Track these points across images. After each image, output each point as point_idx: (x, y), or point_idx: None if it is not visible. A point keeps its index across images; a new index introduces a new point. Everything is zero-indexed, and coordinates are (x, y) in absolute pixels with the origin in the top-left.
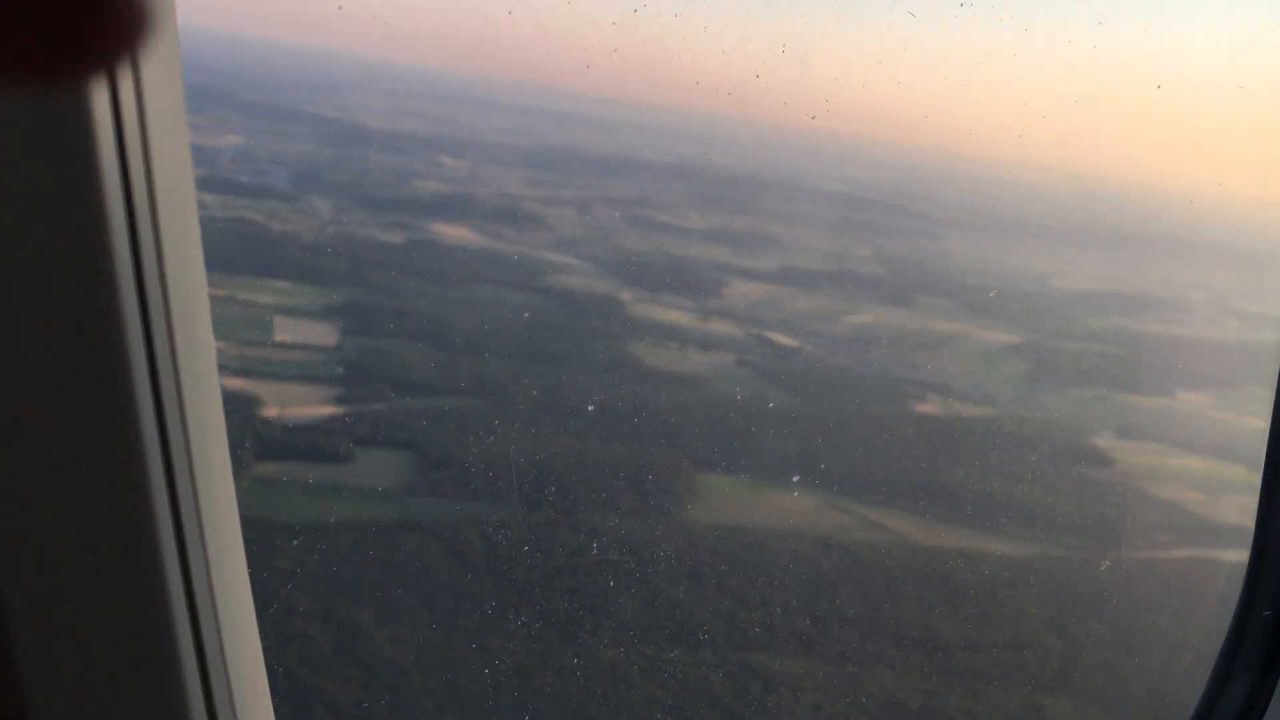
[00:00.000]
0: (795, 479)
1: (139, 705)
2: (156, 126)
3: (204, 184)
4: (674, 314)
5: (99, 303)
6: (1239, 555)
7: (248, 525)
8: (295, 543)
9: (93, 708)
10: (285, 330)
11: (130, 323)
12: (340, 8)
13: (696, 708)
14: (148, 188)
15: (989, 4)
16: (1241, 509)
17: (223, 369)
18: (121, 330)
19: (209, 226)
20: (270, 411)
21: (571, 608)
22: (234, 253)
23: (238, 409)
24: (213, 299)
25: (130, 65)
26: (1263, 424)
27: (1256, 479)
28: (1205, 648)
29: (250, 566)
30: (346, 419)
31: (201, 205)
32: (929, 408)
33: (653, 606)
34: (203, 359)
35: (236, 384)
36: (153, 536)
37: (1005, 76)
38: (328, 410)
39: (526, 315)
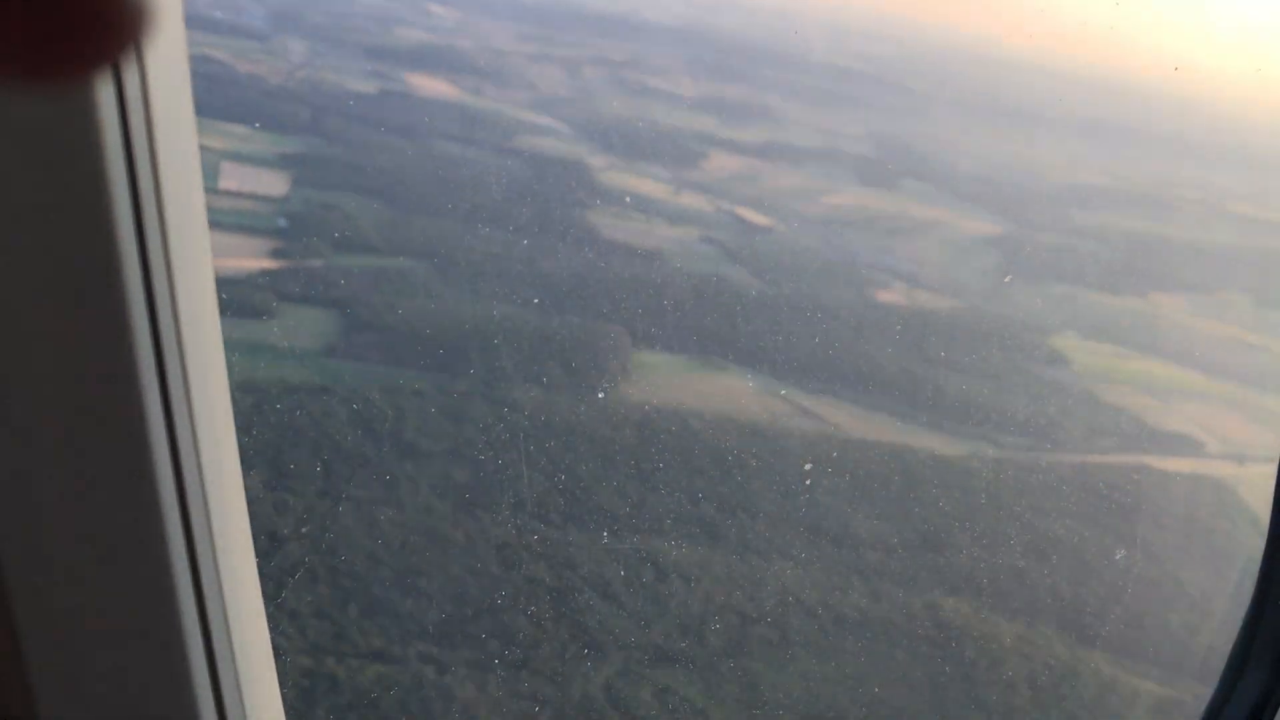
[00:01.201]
0: (734, 361)
1: (147, 704)
2: (163, 121)
3: None
4: (646, 184)
5: (106, 300)
6: (1178, 464)
7: None
8: None
9: (101, 707)
10: (232, 177)
11: (137, 320)
12: None
13: (577, 593)
14: (154, 184)
15: None
16: (1191, 418)
17: None
18: (129, 328)
19: None
20: None
21: (472, 482)
22: (193, 92)
23: None
24: None
25: (135, 59)
26: (1234, 331)
27: (1216, 387)
28: (1123, 556)
29: None
30: (278, 274)
31: None
32: (892, 296)
33: (557, 486)
34: (211, 356)
35: None
36: (160, 534)
37: None
38: (260, 264)
39: (489, 176)
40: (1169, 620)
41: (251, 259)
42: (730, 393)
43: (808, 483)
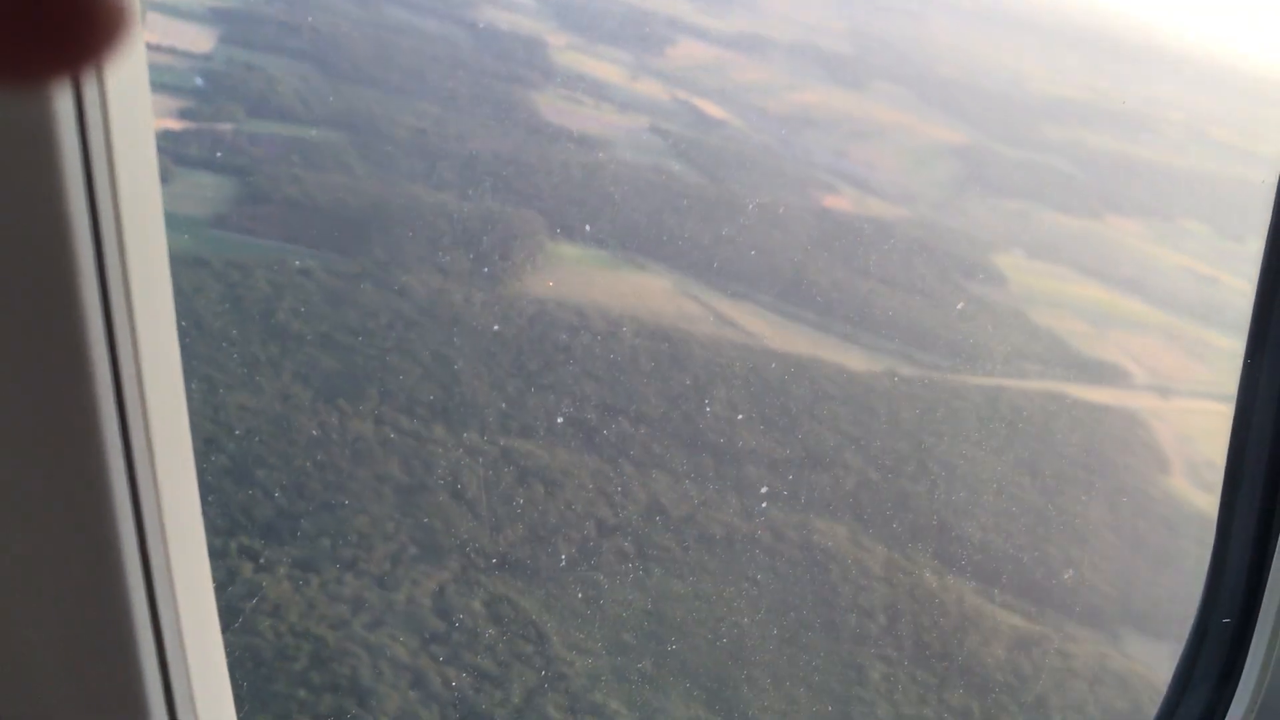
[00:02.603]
0: (656, 259)
1: (99, 701)
2: (121, 126)
3: None
4: (603, 68)
5: (62, 305)
6: (1098, 394)
7: None
8: None
9: (53, 703)
10: (155, 29)
11: (93, 322)
12: None
13: (427, 493)
14: (111, 190)
15: None
16: (1124, 347)
17: None
18: (84, 329)
19: None
20: None
21: (340, 371)
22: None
23: None
24: None
25: (95, 67)
26: (1188, 261)
27: (1157, 317)
28: (1015, 485)
29: None
30: (180, 135)
31: None
32: (838, 202)
33: (431, 378)
34: (166, 358)
35: None
36: (113, 533)
37: None
38: (164, 123)
39: (436, 47)
40: (1048, 553)
41: (156, 118)
42: (644, 292)
43: (700, 392)
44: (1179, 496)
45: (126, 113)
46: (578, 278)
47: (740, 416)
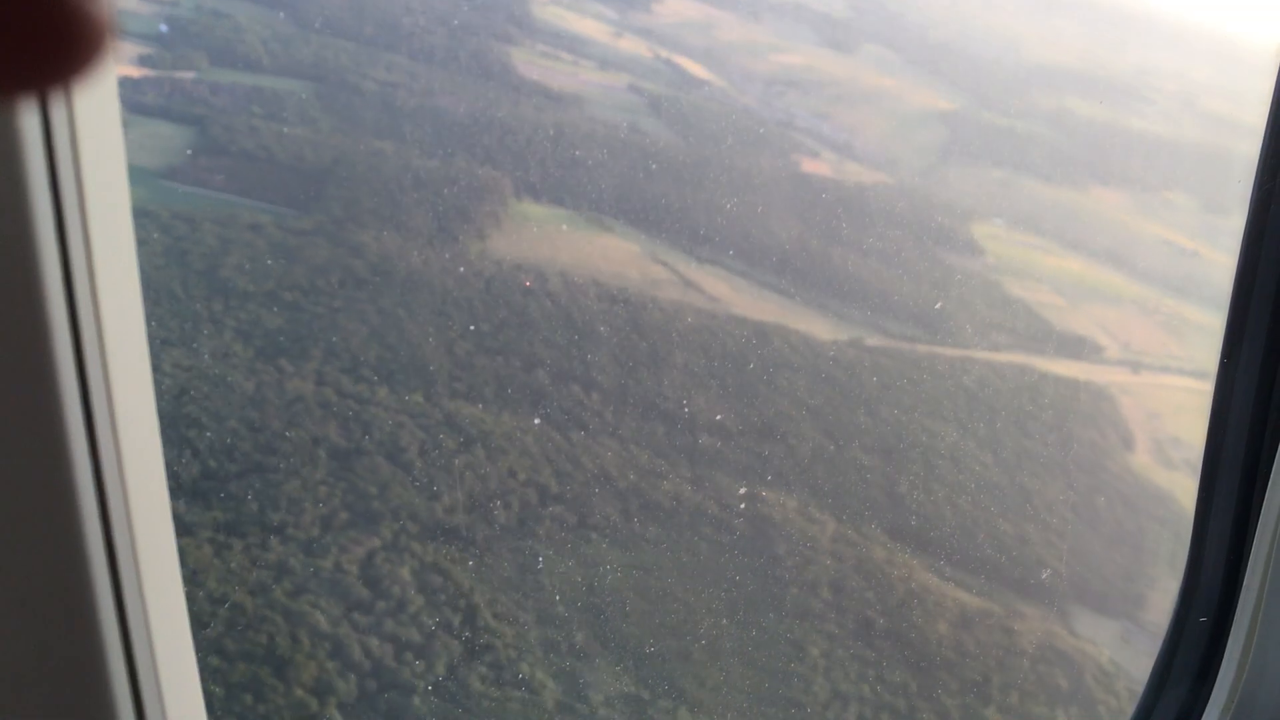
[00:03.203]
0: (624, 221)
1: (64, 702)
2: (88, 136)
3: None
4: (586, 23)
5: (25, 303)
6: (1067, 367)
7: None
8: None
9: (16, 705)
10: None
11: (56, 318)
12: None
13: (363, 457)
14: (79, 199)
15: None
16: (1099, 320)
17: None
18: (46, 326)
19: None
20: None
21: (284, 329)
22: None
23: None
24: None
25: (64, 80)
26: (1170, 233)
27: (1135, 290)
28: (973, 458)
29: None
30: (139, 83)
31: None
32: (817, 167)
33: (379, 340)
34: (135, 365)
35: None
36: (79, 533)
37: None
38: (122, 70)
39: (409, 3)
40: (1002, 530)
41: (116, 64)
42: (609, 254)
43: (657, 358)
44: (1141, 474)
45: (94, 120)
46: (540, 239)
47: (696, 384)
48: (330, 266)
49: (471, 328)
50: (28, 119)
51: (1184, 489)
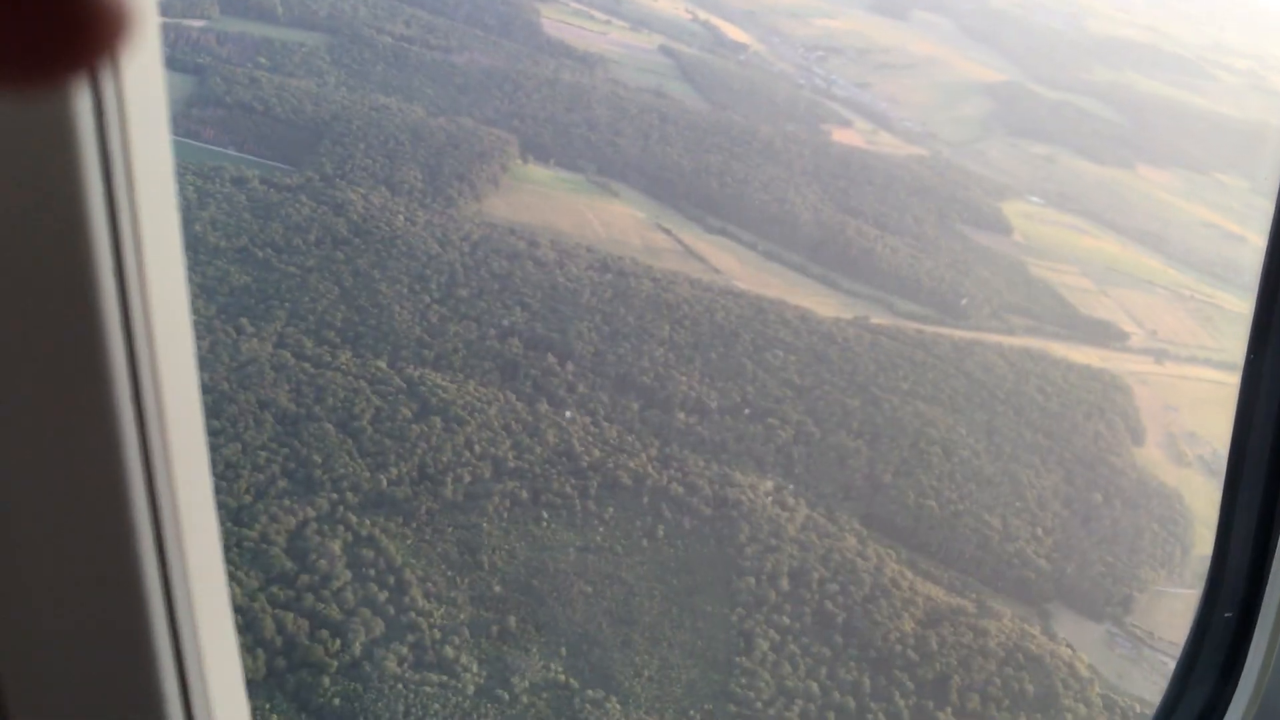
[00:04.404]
0: (632, 186)
1: (115, 701)
2: (137, 127)
3: None
4: None
5: (80, 302)
6: (1084, 354)
7: None
8: None
9: (68, 705)
10: None
11: (110, 323)
12: None
13: (313, 423)
14: (129, 190)
15: None
16: (1127, 306)
17: None
18: (102, 329)
19: None
20: None
21: (252, 287)
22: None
23: None
24: None
25: (111, 67)
26: (1216, 217)
27: (1171, 275)
28: (964, 448)
29: None
30: None
31: None
32: (849, 136)
33: (350, 301)
34: (181, 359)
35: None
36: (130, 537)
37: None
38: None
39: None
40: (987, 522)
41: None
42: (610, 220)
43: (642, 330)
44: (1147, 470)
45: (142, 110)
46: (542, 202)
47: (680, 359)
48: (309, 224)
49: (450, 293)
50: (80, 102)
51: (1194, 487)
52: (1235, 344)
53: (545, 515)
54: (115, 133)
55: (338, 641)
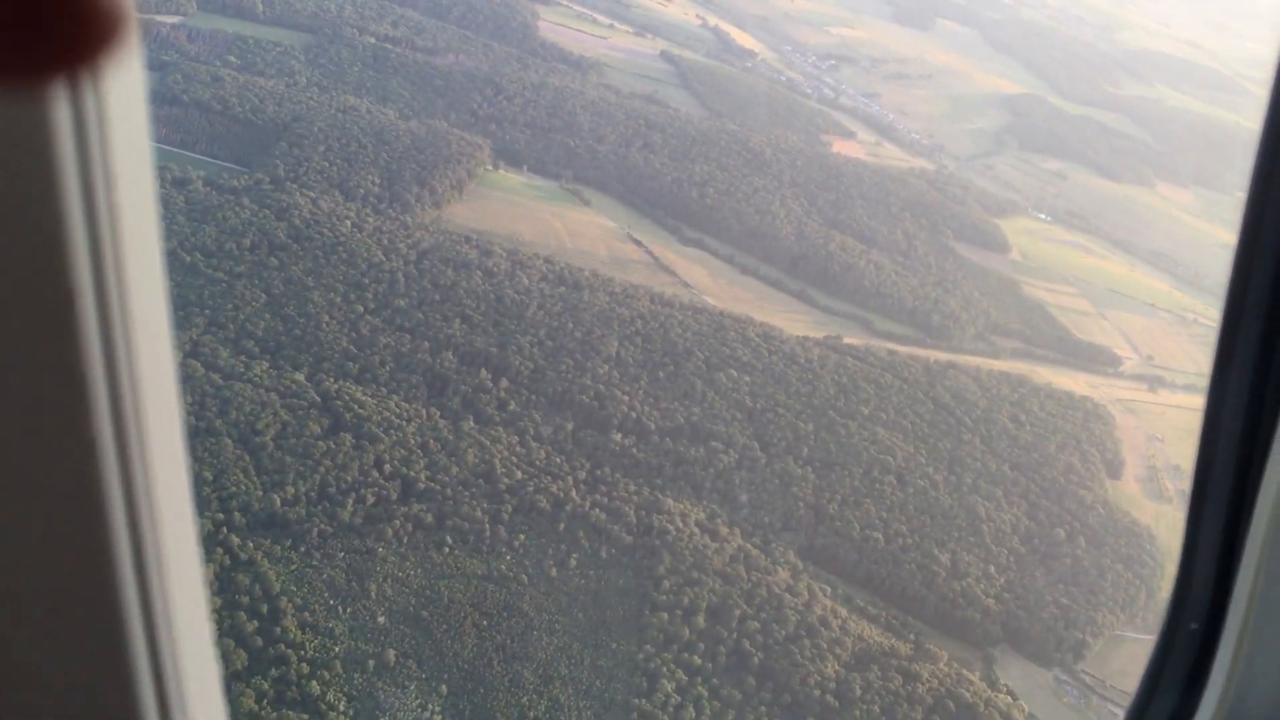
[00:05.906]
0: (608, 195)
1: (91, 699)
2: (117, 130)
3: None
4: None
5: (57, 305)
6: (1070, 381)
7: None
8: None
9: (45, 702)
10: None
11: (87, 324)
12: None
13: (211, 437)
14: (107, 193)
15: None
16: (1125, 330)
17: None
18: (79, 332)
19: None
20: None
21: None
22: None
23: None
24: None
25: (91, 71)
26: (1233, 238)
27: (1178, 298)
28: (926, 479)
29: None
30: None
31: None
32: (849, 148)
33: (276, 311)
34: (160, 361)
35: None
36: (108, 538)
37: None
38: None
39: None
40: (935, 558)
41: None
42: (578, 230)
43: (589, 347)
44: (1119, 505)
45: (122, 114)
46: (508, 209)
47: (625, 377)
48: (246, 229)
49: (386, 303)
50: (58, 105)
51: (1171, 524)
52: None
53: (449, 541)
54: (95, 135)
55: None
